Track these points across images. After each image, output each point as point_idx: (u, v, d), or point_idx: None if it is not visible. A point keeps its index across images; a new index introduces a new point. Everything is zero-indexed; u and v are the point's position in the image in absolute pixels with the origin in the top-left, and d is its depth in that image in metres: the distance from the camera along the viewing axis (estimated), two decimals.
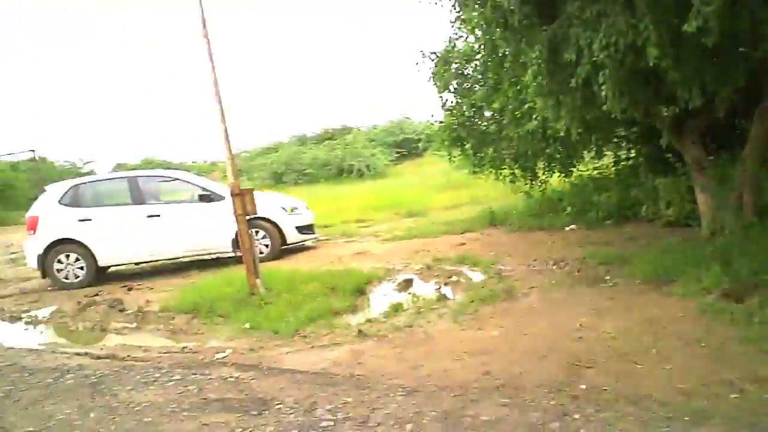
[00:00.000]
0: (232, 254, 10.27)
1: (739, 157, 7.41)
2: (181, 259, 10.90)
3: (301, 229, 11.00)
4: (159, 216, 10.26)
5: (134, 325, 7.32)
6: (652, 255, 7.12)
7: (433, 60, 12.03)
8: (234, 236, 10.06)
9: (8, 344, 7.02)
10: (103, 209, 10.47)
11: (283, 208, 10.81)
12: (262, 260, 9.73)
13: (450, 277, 7.77)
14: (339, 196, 19.72)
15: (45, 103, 74.35)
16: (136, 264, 10.95)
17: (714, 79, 6.01)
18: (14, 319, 8.40)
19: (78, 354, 6.13)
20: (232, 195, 7.44)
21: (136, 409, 4.45)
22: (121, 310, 7.89)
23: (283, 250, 10.70)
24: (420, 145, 32.06)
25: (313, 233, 11.53)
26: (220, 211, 10.15)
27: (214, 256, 10.64)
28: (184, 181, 11.01)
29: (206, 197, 10.42)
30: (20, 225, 14.58)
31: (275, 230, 10.53)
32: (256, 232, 10.18)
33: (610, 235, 9.03)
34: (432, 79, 12.08)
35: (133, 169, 33.28)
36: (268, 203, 10.66)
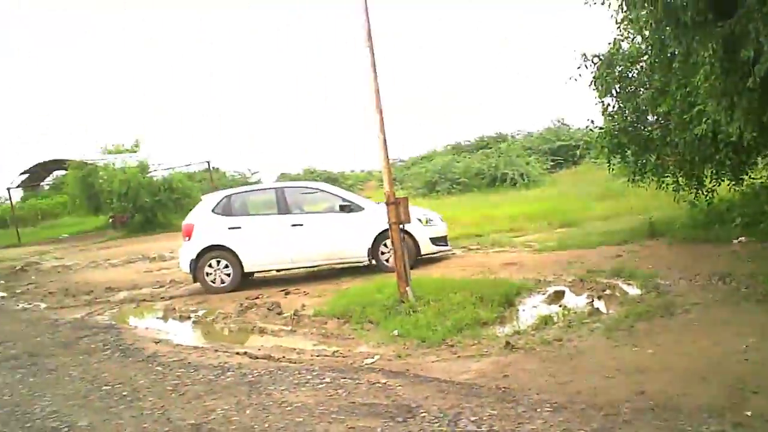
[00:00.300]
0: (368, 263, 10.60)
1: None
2: (322, 267, 11.29)
3: (435, 241, 11.03)
4: (302, 225, 10.70)
5: (290, 328, 7.66)
6: None
7: (595, 63, 11.65)
8: (370, 245, 10.47)
9: (177, 341, 7.63)
10: (252, 218, 11.14)
11: (419, 220, 10.80)
12: (393, 270, 9.98)
13: (604, 291, 7.47)
14: (491, 205, 19.54)
15: (216, 113, 79.67)
16: (278, 271, 11.42)
17: None
18: (183, 318, 9.11)
19: (238, 353, 6.53)
20: (387, 204, 7.59)
21: (288, 409, 4.66)
22: (279, 313, 8.32)
23: (417, 260, 10.65)
24: (577, 152, 31.09)
25: (447, 245, 11.50)
26: (358, 221, 10.58)
27: (352, 265, 10.94)
28: (326, 192, 11.45)
29: (346, 207, 10.76)
30: None
31: (411, 241, 10.49)
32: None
33: None
34: (593, 83, 11.66)
35: (295, 178, 34.92)
36: None
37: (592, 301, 7.09)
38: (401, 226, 7.65)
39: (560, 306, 7.01)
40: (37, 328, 9.33)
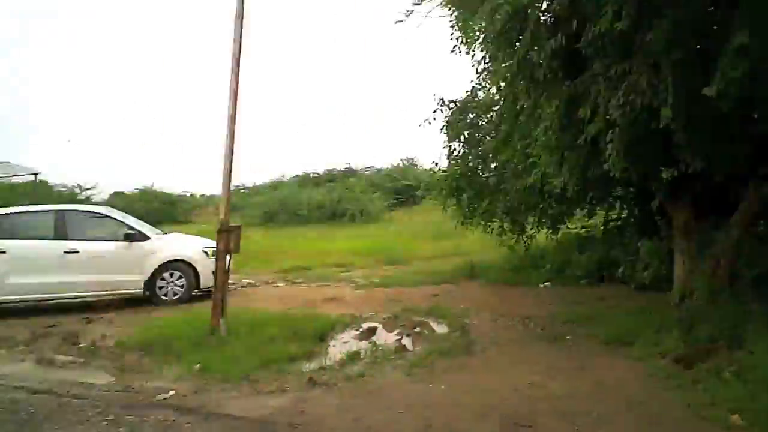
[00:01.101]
0: (142, 295, 10.14)
1: (726, 223, 7.28)
2: (98, 297, 10.36)
3: None
4: (77, 252, 9.96)
5: (83, 360, 6.95)
6: (617, 316, 7.11)
7: (450, 108, 12.04)
8: (147, 277, 10.10)
9: None
10: (20, 242, 10.00)
11: (205, 252, 10.43)
12: (173, 302, 9.91)
13: (414, 328, 7.59)
14: (326, 239, 19.55)
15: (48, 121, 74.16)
16: (38, 301, 10.20)
17: (719, 144, 6.06)
18: None
19: (16, 387, 5.86)
20: (218, 232, 7.33)
21: None
22: (74, 344, 7.52)
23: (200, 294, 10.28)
24: (419, 192, 31.87)
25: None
26: (140, 251, 10.17)
27: (127, 296, 10.28)
28: (112, 218, 10.79)
29: (131, 236, 10.27)
30: None
31: (191, 272, 10.29)
32: (173, 274, 10.21)
33: (583, 295, 8.96)
34: (445, 127, 12.05)
35: (130, 197, 32.65)
36: (191, 245, 10.69)
37: (402, 338, 7.15)
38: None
39: (370, 342, 7.00)
40: None
